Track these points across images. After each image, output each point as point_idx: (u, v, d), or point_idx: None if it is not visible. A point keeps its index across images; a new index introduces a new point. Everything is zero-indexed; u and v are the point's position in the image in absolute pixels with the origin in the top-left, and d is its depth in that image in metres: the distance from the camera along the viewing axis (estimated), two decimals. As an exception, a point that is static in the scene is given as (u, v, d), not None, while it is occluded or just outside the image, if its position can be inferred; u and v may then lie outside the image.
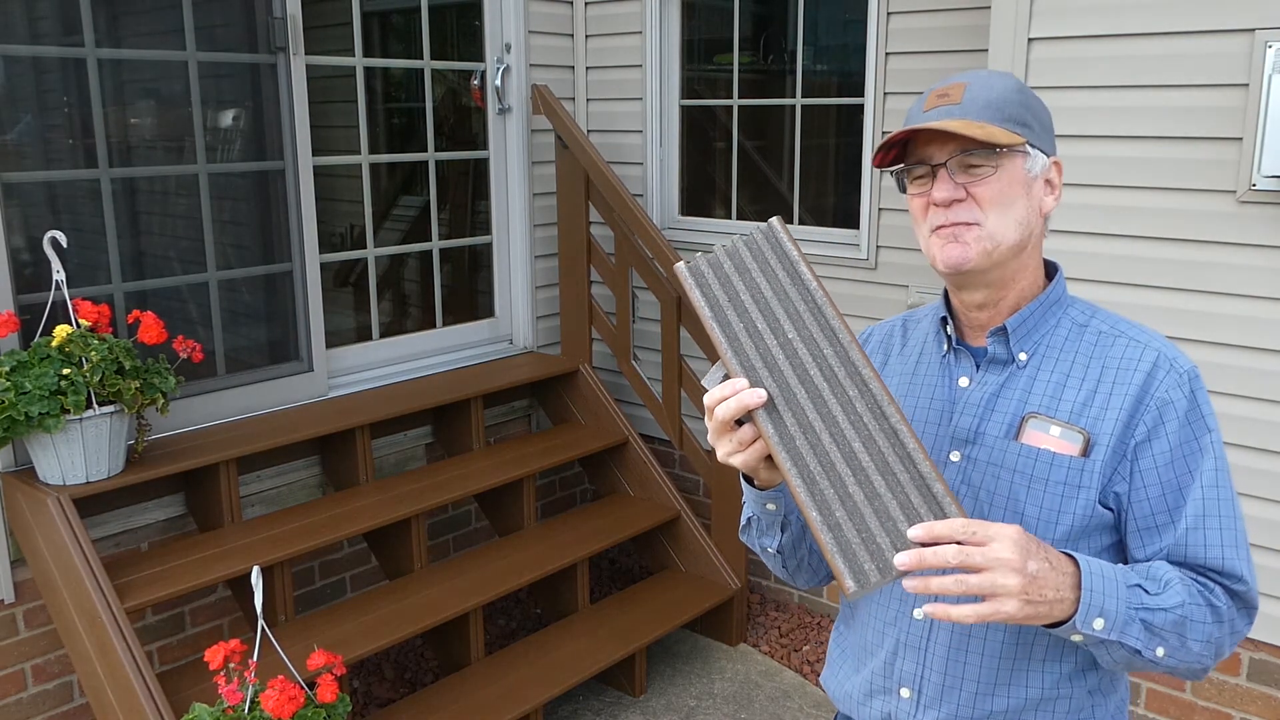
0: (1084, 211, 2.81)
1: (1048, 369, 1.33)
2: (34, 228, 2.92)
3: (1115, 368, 1.30)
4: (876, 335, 1.54)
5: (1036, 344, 1.34)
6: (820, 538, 1.13)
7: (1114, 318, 1.36)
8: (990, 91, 1.28)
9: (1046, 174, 1.33)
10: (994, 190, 1.27)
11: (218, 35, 3.26)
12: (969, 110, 1.27)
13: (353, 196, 3.78)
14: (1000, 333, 1.35)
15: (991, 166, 1.27)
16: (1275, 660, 2.78)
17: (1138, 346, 1.31)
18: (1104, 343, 1.33)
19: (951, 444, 1.35)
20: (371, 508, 3.25)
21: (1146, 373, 1.28)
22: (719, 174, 4.17)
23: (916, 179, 1.32)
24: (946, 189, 1.27)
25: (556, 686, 3.12)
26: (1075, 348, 1.33)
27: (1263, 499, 2.67)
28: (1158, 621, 1.19)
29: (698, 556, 3.78)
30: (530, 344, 4.23)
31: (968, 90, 1.28)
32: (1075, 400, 1.30)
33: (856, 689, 1.46)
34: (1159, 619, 1.19)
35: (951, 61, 3.29)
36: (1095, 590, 1.15)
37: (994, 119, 1.26)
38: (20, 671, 2.93)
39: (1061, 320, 1.36)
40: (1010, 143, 1.25)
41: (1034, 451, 1.29)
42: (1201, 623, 1.22)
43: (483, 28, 4.01)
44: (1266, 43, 2.46)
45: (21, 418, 2.60)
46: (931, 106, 1.29)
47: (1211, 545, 1.26)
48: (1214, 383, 2.69)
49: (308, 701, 2.40)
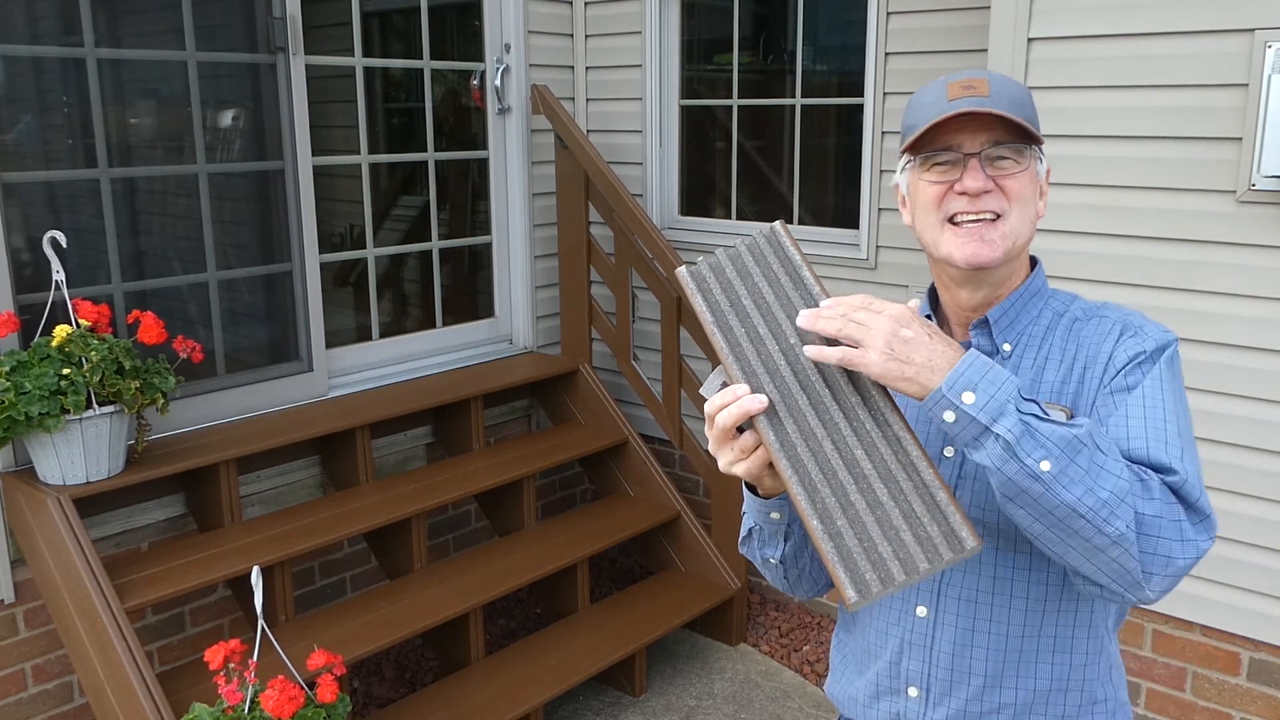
0: (1084, 211, 2.81)
1: (1030, 357, 1.34)
2: (34, 228, 2.92)
3: (1088, 344, 1.31)
4: None
5: (1019, 334, 1.35)
6: (821, 546, 1.11)
7: (1093, 304, 1.37)
8: (1011, 89, 1.29)
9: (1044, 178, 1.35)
10: (1020, 185, 1.28)
11: (217, 35, 3.26)
12: (999, 103, 1.25)
13: (353, 196, 3.77)
14: (983, 325, 1.35)
15: (1018, 162, 1.27)
16: (1275, 660, 2.78)
17: (1108, 323, 1.32)
18: (1079, 325, 1.34)
19: (944, 440, 1.35)
20: (371, 508, 3.25)
21: (1115, 340, 1.30)
22: (719, 174, 4.17)
23: (938, 166, 1.29)
24: (980, 179, 1.26)
25: (556, 686, 3.12)
26: (1054, 335, 1.35)
27: (1263, 499, 2.67)
28: (1045, 430, 1.10)
29: (698, 556, 3.78)
30: (530, 344, 4.23)
31: (992, 85, 1.28)
32: (1054, 381, 1.31)
33: (862, 692, 1.46)
34: (1047, 428, 1.10)
35: (951, 61, 3.29)
36: (974, 368, 1.11)
37: (1021, 115, 1.26)
38: (20, 671, 2.93)
39: (1043, 310, 1.37)
40: (1039, 140, 1.28)
41: None
42: (1115, 475, 1.11)
43: (482, 28, 4.01)
44: (1266, 43, 2.46)
45: (21, 418, 2.60)
46: (957, 96, 1.27)
47: (1134, 439, 1.21)
48: (1214, 382, 2.69)
49: (308, 701, 2.40)
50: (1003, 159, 1.27)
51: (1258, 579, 2.71)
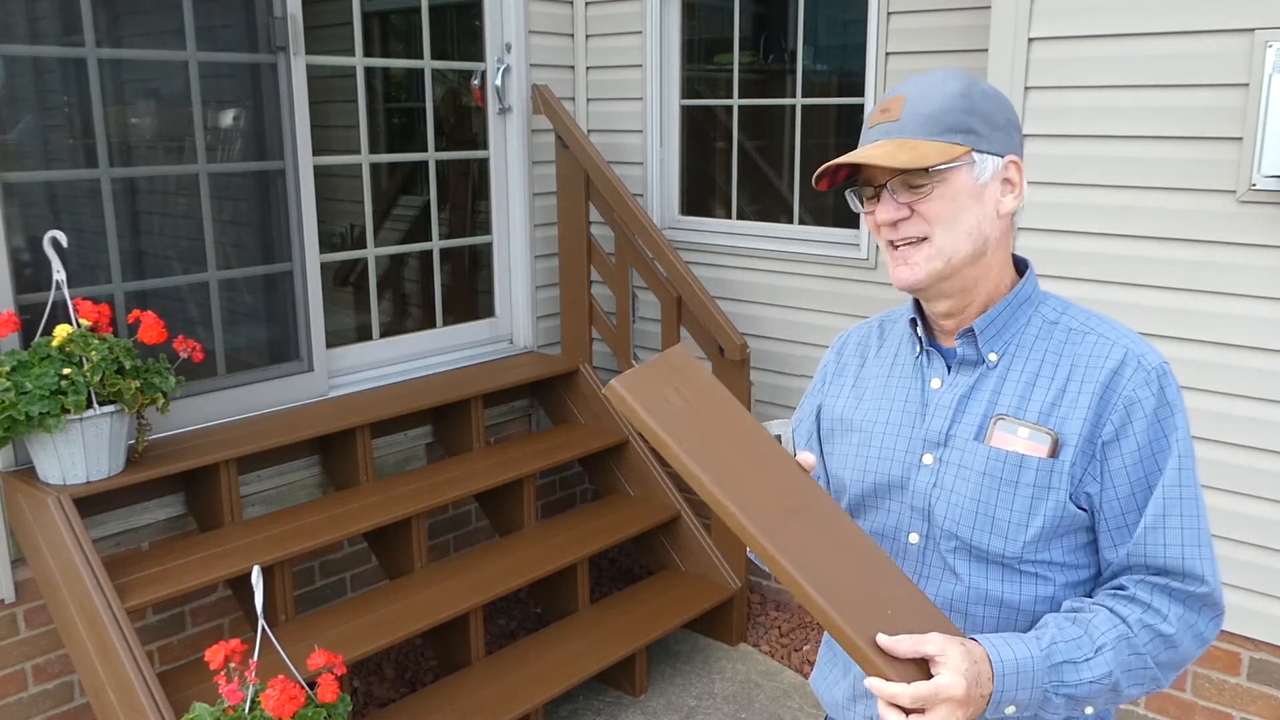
0: (1084, 211, 2.81)
1: (1018, 369, 1.31)
2: (34, 228, 2.92)
3: (1084, 365, 1.28)
4: (853, 339, 1.52)
5: (1006, 344, 1.33)
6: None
7: (1085, 314, 1.34)
8: (929, 103, 1.26)
9: (1004, 174, 1.29)
10: (937, 207, 1.26)
11: (218, 35, 3.26)
12: (905, 127, 1.25)
13: (353, 196, 3.78)
14: (969, 334, 1.34)
15: (932, 184, 1.25)
16: (1275, 660, 2.78)
17: (1106, 343, 1.29)
18: (1073, 340, 1.31)
19: (924, 447, 1.35)
20: (371, 508, 3.25)
21: (1113, 370, 1.26)
22: (719, 174, 4.17)
23: (869, 198, 1.31)
24: (889, 210, 1.27)
25: (556, 686, 3.12)
26: (1045, 346, 1.31)
27: (1263, 499, 2.67)
28: (1083, 693, 1.22)
29: (698, 556, 3.78)
30: (530, 344, 4.23)
31: (906, 104, 1.26)
32: (1044, 400, 1.28)
33: (841, 694, 1.47)
34: (1084, 690, 1.22)
35: (951, 61, 3.29)
36: (1008, 690, 1.19)
37: (932, 133, 1.24)
38: (21, 671, 2.93)
39: (1033, 318, 1.34)
40: (944, 160, 1.23)
41: (1002, 454, 1.28)
42: (1140, 669, 1.24)
43: (483, 28, 4.01)
44: (1266, 43, 2.46)
45: (22, 417, 2.61)
46: (874, 123, 1.28)
47: (1171, 545, 1.25)
48: (1214, 382, 2.69)
49: (308, 701, 2.40)
50: (916, 185, 1.26)
51: (1258, 579, 2.71)
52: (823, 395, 1.51)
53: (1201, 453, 2.72)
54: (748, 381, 3.61)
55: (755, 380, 3.79)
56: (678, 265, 3.65)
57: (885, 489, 1.38)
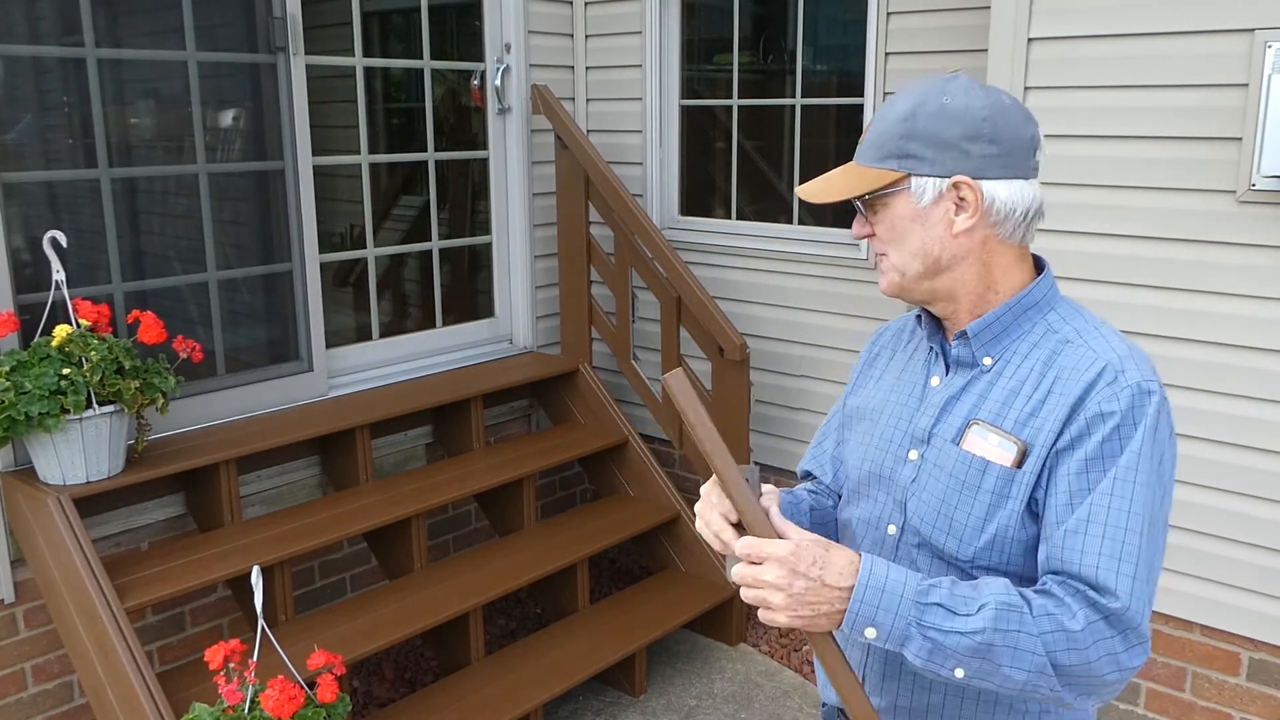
0: (1084, 211, 2.81)
1: (1008, 375, 1.31)
2: (34, 228, 2.92)
3: (1065, 377, 1.25)
4: (890, 330, 1.55)
5: (1005, 349, 1.32)
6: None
7: (1088, 323, 1.31)
8: (875, 127, 1.32)
9: (954, 194, 1.26)
10: (884, 228, 1.32)
11: (218, 35, 3.26)
12: (861, 150, 1.33)
13: (353, 196, 3.78)
14: (963, 337, 1.34)
15: (876, 208, 1.32)
16: (1275, 660, 2.78)
17: (1090, 355, 1.25)
18: (1062, 350, 1.28)
19: (911, 443, 1.37)
20: (371, 508, 3.25)
21: (1089, 383, 1.23)
22: (719, 174, 4.17)
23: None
24: (858, 225, 1.36)
25: (556, 686, 3.12)
26: (1040, 355, 1.29)
27: (1263, 499, 2.67)
28: (950, 644, 1.16)
29: (698, 556, 3.78)
30: (530, 344, 4.23)
31: (871, 125, 1.33)
32: (1024, 409, 1.27)
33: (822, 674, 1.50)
34: (953, 641, 1.16)
35: (951, 61, 3.29)
36: (867, 603, 1.18)
37: (873, 159, 1.30)
38: (20, 671, 2.93)
39: (1037, 325, 1.32)
40: (873, 188, 1.29)
41: (969, 458, 1.28)
42: (1028, 652, 1.16)
43: (482, 28, 4.01)
44: (1266, 43, 2.46)
45: (21, 417, 2.60)
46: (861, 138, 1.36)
47: (1087, 552, 1.18)
48: (1215, 383, 2.69)
49: (308, 701, 2.40)
50: (869, 207, 1.33)
51: (1257, 579, 2.71)
52: (849, 391, 1.56)
53: (1200, 453, 2.73)
54: (747, 381, 3.61)
55: (755, 380, 3.79)
56: (677, 265, 3.65)
57: (876, 479, 1.41)
